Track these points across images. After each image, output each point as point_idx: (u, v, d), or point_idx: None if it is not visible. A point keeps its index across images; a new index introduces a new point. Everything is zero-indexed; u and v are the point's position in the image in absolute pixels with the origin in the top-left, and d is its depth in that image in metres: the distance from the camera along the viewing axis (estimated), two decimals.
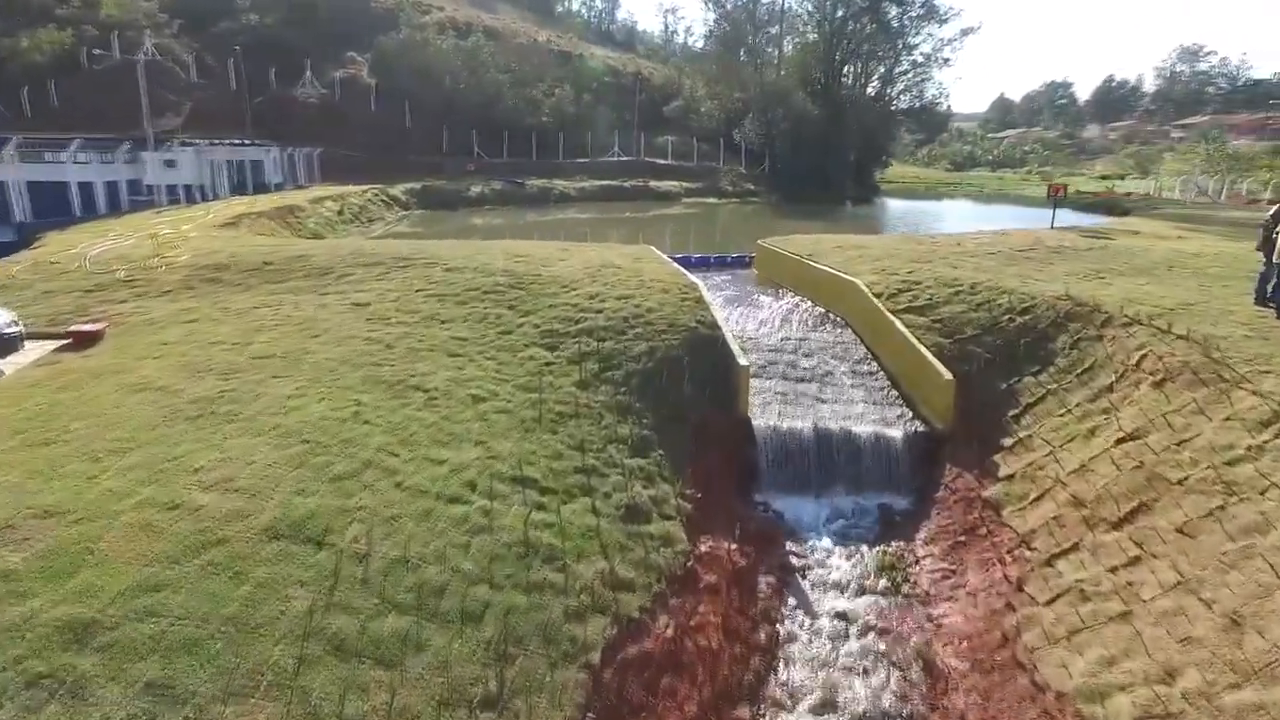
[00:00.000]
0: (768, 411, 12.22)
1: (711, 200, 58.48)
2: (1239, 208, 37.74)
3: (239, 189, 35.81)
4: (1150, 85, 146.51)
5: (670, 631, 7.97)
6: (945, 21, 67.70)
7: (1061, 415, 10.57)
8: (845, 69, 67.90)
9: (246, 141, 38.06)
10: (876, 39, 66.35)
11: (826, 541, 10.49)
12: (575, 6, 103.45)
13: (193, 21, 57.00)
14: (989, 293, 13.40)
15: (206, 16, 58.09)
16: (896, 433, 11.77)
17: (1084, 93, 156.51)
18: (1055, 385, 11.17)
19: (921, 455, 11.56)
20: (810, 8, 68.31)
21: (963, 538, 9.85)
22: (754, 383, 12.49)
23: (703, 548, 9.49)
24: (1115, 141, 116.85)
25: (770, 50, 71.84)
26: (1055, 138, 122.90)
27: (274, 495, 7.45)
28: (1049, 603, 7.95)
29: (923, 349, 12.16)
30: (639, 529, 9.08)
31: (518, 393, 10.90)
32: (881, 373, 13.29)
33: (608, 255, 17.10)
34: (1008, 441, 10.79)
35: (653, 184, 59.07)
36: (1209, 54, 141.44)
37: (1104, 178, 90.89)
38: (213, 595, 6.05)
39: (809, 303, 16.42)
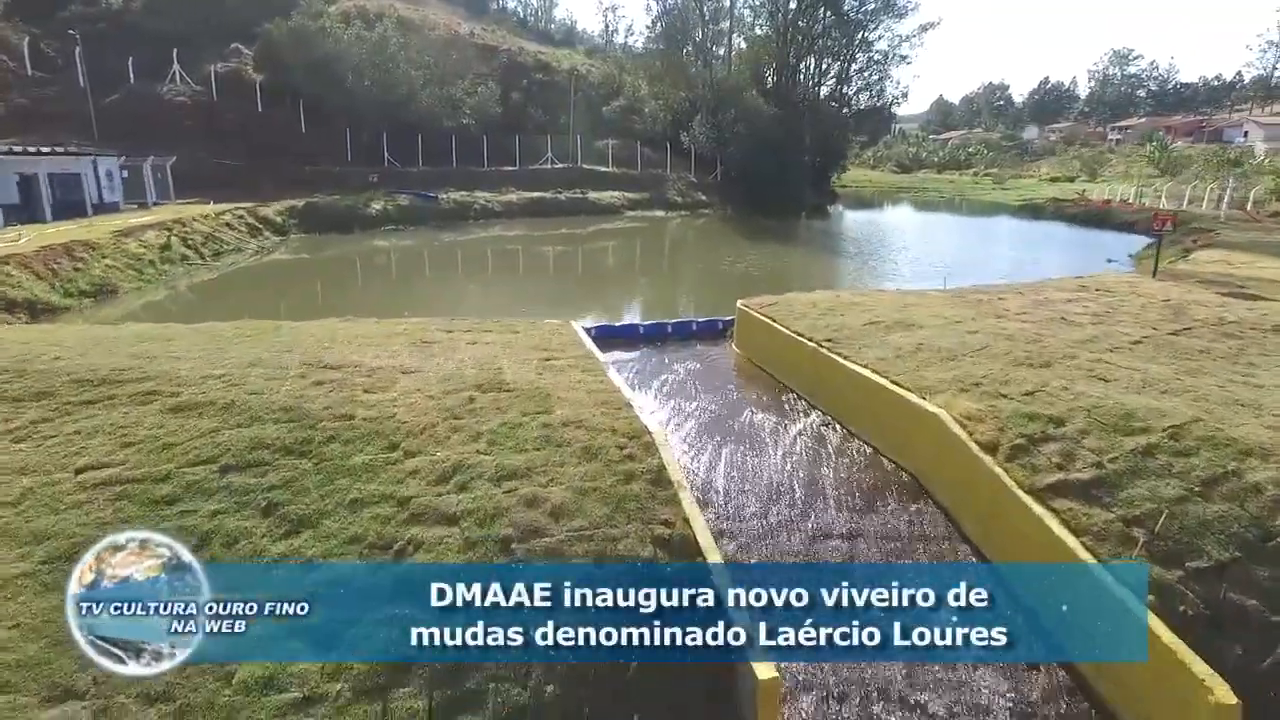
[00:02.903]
0: None
1: (658, 213, 51.97)
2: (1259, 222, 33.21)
3: (37, 214, 27.21)
4: (1084, 88, 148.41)
5: None
6: (903, 16, 62.94)
7: None
8: (801, 66, 62.51)
9: (60, 149, 29.42)
10: (832, 33, 61.15)
11: None
12: (511, 5, 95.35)
13: (30, 3, 47.31)
14: (1214, 452, 6.95)
15: None
16: None
17: (1020, 94, 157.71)
18: None
19: None
20: None
21: None
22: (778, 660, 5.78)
23: None
24: (1056, 143, 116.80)
25: (717, 50, 65.88)
26: (998, 139, 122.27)
27: None
28: None
29: (1145, 612, 5.66)
30: None
31: None
32: (1019, 617, 6.79)
33: (494, 353, 9.96)
34: None
35: (592, 195, 52.15)
36: (1138, 58, 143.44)
37: (1053, 179, 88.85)
38: None
39: (837, 424, 9.84)
